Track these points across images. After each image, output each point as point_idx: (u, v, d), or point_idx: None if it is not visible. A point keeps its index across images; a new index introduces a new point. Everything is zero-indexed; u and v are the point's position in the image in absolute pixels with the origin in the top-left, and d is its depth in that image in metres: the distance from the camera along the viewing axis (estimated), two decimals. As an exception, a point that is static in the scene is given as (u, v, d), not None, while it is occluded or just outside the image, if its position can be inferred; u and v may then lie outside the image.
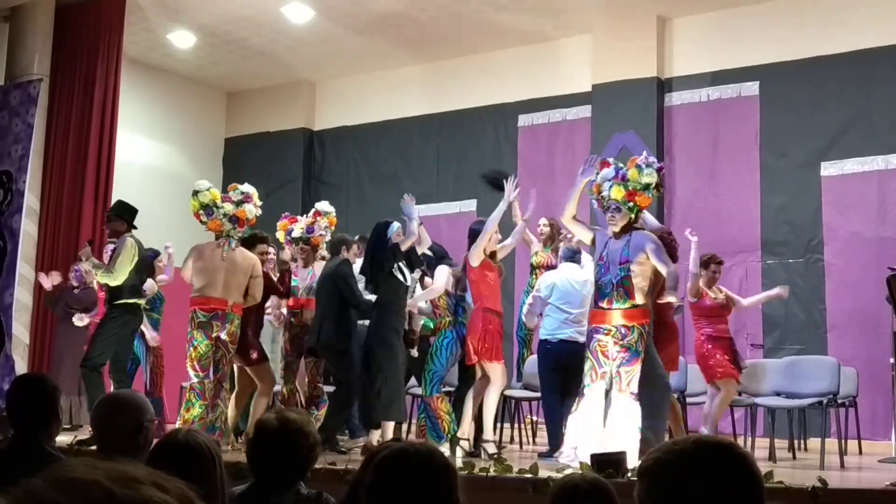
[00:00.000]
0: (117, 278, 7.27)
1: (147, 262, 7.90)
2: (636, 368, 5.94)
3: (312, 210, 8.24)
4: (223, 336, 7.09)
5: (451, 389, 7.56)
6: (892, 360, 7.43)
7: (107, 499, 0.88)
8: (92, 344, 7.47)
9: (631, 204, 6.14)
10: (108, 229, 7.92)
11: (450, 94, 12.02)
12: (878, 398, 8.34)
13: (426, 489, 2.15)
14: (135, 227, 7.57)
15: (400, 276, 6.90)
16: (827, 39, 9.79)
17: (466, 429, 6.91)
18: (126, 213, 7.59)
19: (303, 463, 2.99)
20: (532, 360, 7.98)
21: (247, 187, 7.53)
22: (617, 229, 6.16)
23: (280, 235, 8.25)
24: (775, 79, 10.09)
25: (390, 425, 6.82)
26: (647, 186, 6.15)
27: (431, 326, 7.66)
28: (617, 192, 6.12)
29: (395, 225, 7.08)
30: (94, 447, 5.34)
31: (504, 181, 7.19)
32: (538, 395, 7.72)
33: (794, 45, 9.97)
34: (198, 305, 7.13)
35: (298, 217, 8.34)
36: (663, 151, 10.56)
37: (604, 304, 6.06)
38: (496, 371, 6.89)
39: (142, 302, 7.67)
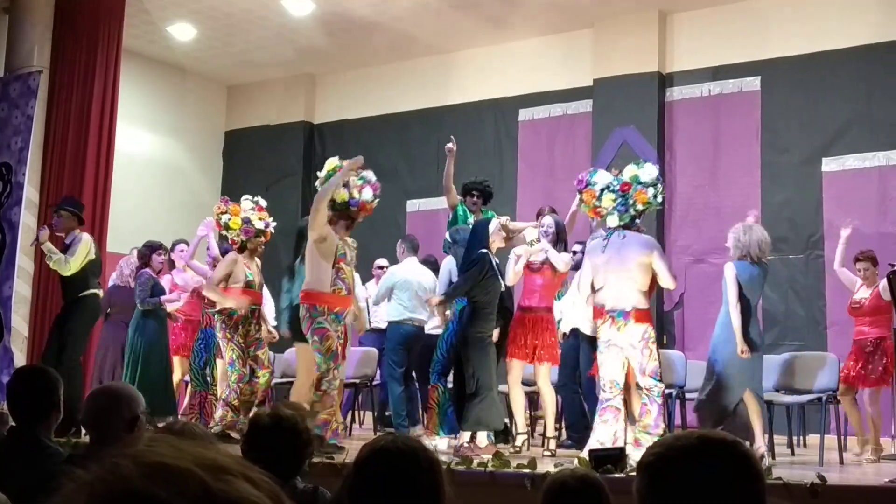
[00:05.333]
0: (68, 271, 7.66)
1: (98, 261, 8.06)
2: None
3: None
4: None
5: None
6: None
7: (203, 493, 0.80)
8: (68, 341, 7.68)
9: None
10: (58, 224, 8.03)
11: (450, 88, 11.99)
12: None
13: (410, 488, 2.11)
14: (83, 223, 8.03)
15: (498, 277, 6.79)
16: (828, 35, 9.76)
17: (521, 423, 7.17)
18: (79, 210, 8.02)
19: (296, 459, 2.98)
20: None
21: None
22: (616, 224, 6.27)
23: (235, 223, 7.79)
24: (776, 74, 10.07)
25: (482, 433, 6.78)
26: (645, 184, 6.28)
27: None
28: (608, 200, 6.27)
29: (496, 222, 6.93)
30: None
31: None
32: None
33: (796, 40, 9.95)
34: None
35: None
36: (664, 146, 10.55)
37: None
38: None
39: (100, 292, 8.00)
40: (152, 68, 12.53)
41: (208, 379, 8.19)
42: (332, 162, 6.98)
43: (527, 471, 5.33)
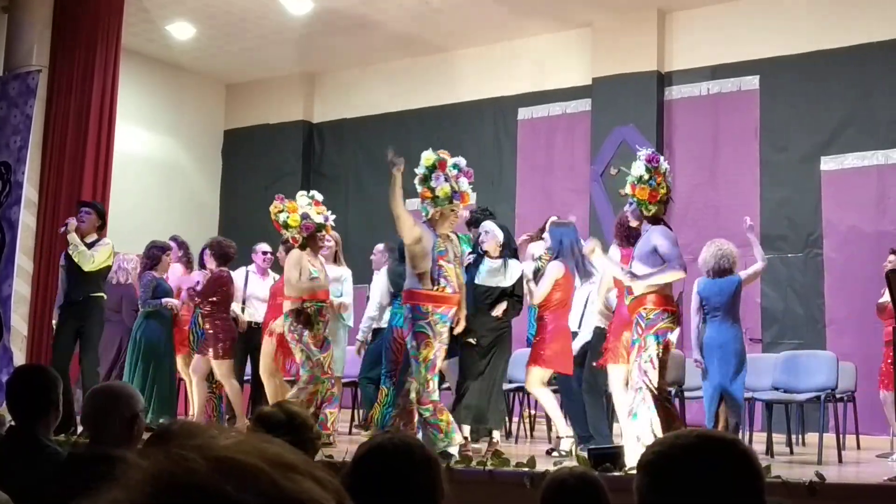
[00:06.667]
0: (91, 265, 7.78)
1: (109, 268, 8.16)
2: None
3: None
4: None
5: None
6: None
7: (273, 491, 0.76)
8: (88, 345, 7.77)
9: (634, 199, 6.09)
10: (84, 219, 8.08)
11: (449, 86, 11.98)
12: (876, 393, 8.33)
13: (406, 485, 2.11)
14: (105, 226, 8.24)
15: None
16: (827, 34, 9.77)
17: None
18: (103, 211, 8.27)
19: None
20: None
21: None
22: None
23: (294, 220, 7.64)
24: (775, 73, 10.07)
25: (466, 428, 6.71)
26: (640, 179, 6.05)
27: None
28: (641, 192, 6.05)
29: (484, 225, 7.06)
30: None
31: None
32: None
33: (795, 39, 9.95)
34: None
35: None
36: (663, 145, 10.54)
37: None
38: None
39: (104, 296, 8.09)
40: (151, 67, 12.52)
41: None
42: (429, 156, 6.52)
43: (526, 469, 5.34)
